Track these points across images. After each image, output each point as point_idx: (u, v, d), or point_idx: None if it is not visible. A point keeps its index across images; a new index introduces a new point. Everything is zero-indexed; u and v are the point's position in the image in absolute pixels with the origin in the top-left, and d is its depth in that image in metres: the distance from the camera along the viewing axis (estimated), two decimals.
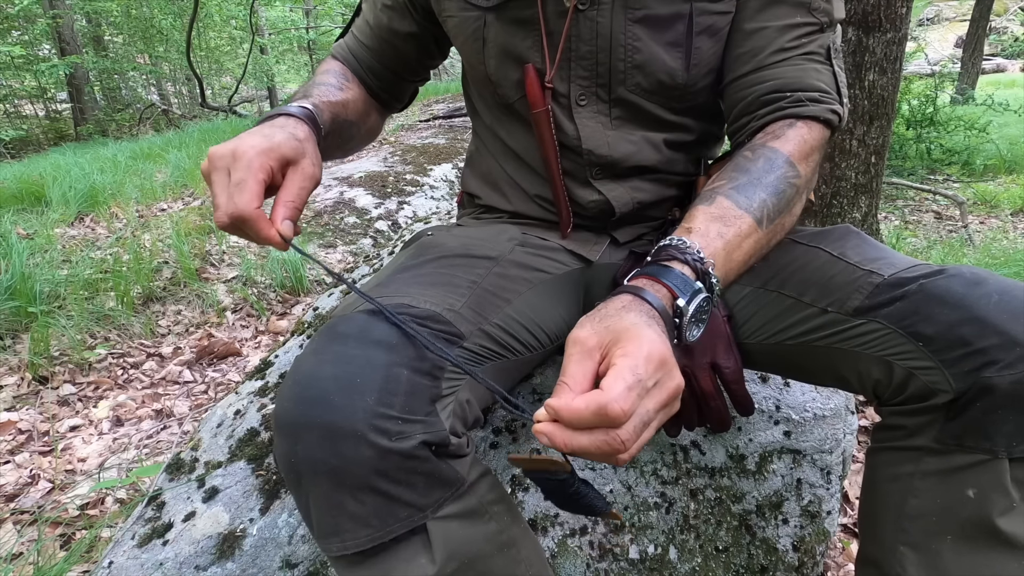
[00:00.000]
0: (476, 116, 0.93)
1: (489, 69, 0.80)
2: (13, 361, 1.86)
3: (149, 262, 2.31)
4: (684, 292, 0.56)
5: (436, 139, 4.12)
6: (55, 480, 1.43)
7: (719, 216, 0.63)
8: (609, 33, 0.73)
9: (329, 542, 0.55)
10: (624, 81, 0.76)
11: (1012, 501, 0.55)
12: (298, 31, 14.19)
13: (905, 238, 3.31)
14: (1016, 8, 16.52)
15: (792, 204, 0.68)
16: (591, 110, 0.78)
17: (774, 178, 0.66)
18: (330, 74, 0.86)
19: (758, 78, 0.72)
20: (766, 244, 0.67)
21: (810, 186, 0.70)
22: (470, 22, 0.78)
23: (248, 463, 0.92)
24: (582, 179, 0.81)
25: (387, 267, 0.77)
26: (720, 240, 0.62)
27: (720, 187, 0.66)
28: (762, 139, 0.70)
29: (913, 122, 4.93)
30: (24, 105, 11.11)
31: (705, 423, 0.75)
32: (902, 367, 0.60)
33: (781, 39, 0.71)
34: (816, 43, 0.71)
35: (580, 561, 0.89)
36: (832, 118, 0.71)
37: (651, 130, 0.80)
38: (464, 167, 0.98)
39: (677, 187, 0.85)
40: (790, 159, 0.67)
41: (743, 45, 0.73)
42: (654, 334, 0.50)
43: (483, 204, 0.92)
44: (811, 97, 0.70)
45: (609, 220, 0.84)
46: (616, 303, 0.54)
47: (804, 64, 0.71)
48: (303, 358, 0.58)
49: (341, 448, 0.52)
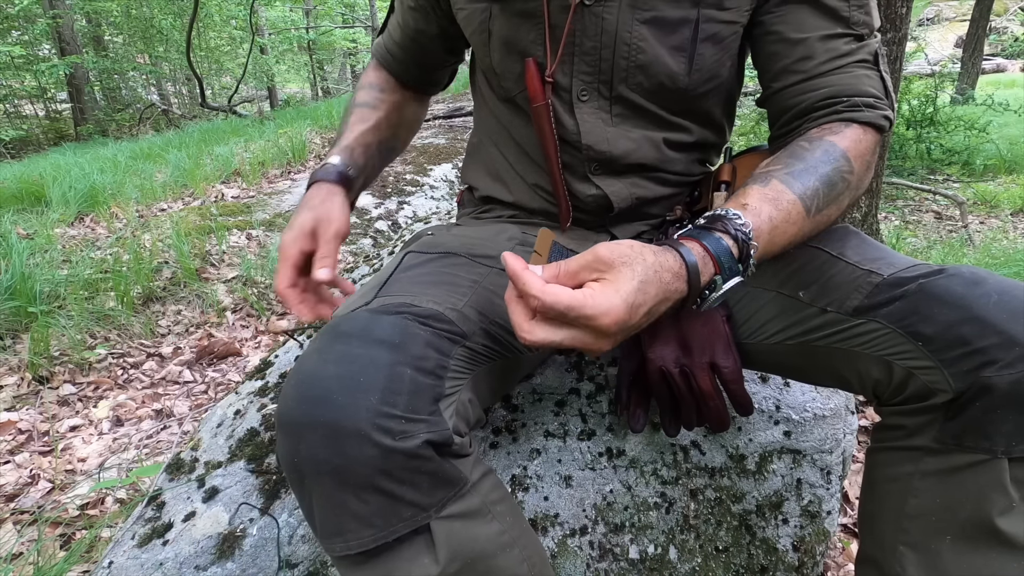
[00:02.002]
0: (481, 105, 0.94)
1: (493, 61, 0.82)
2: (13, 361, 1.86)
3: (149, 262, 2.30)
4: (726, 271, 0.58)
5: (436, 139, 4.12)
6: (55, 480, 1.43)
7: (773, 199, 0.62)
8: (615, 31, 0.73)
9: (332, 542, 0.55)
10: (626, 79, 0.76)
11: (1012, 501, 0.55)
12: (298, 31, 14.19)
13: (905, 238, 3.32)
14: (1016, 8, 16.52)
15: (841, 197, 0.67)
16: (592, 106, 0.79)
17: (830, 169, 0.66)
18: (366, 91, 0.95)
19: (811, 86, 0.72)
20: (809, 232, 0.67)
21: (861, 186, 0.70)
22: (477, 14, 0.80)
23: (248, 463, 0.92)
24: (581, 174, 0.82)
25: (387, 267, 0.77)
26: (768, 224, 0.61)
27: (775, 171, 0.66)
28: (819, 133, 0.70)
29: (913, 122, 4.93)
30: (24, 105, 11.11)
31: (704, 423, 0.75)
32: (901, 367, 0.60)
33: (829, 50, 0.71)
34: (864, 50, 0.71)
35: (580, 561, 0.89)
36: (884, 124, 0.71)
37: (651, 129, 0.80)
38: (465, 159, 0.99)
39: (676, 186, 0.85)
40: (846, 154, 0.67)
41: (790, 55, 0.73)
42: (645, 296, 0.53)
43: (483, 195, 0.93)
44: (866, 103, 0.70)
45: (607, 215, 0.84)
46: (646, 246, 0.55)
47: (855, 71, 0.71)
48: (306, 357, 0.58)
49: (344, 447, 0.52)
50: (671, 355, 0.73)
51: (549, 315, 0.51)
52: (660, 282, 0.53)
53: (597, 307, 0.50)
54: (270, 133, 4.93)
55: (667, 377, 0.74)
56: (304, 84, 18.14)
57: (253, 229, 2.77)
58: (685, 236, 0.60)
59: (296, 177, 3.77)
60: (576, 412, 0.94)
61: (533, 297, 0.50)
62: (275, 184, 3.61)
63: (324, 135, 4.85)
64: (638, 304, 0.52)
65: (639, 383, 0.80)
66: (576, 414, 0.94)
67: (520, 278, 0.51)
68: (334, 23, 15.52)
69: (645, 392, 0.80)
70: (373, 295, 0.67)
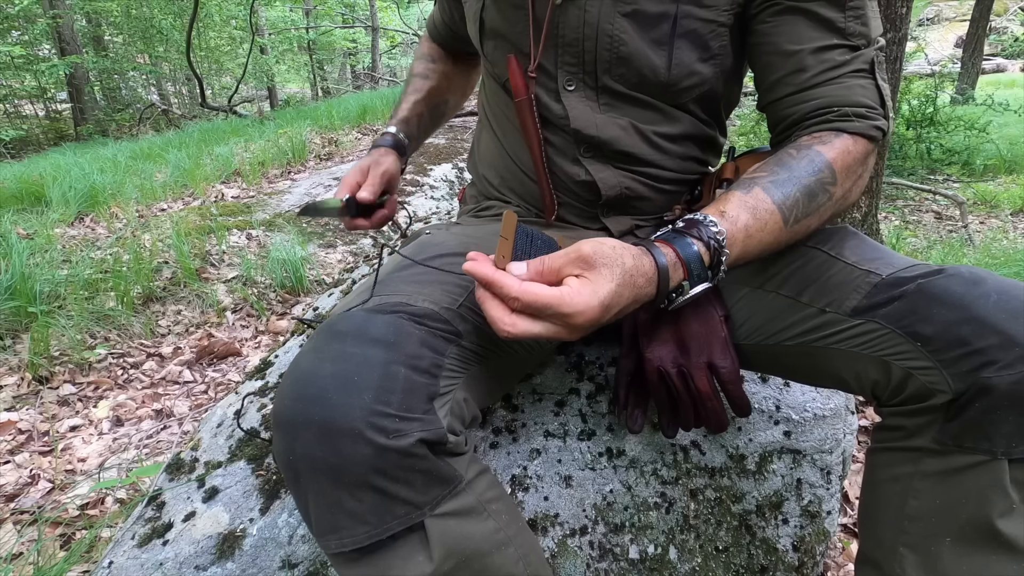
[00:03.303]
0: (484, 90, 0.97)
1: (486, 51, 0.86)
2: (13, 361, 1.86)
3: (149, 262, 2.30)
4: (695, 278, 0.61)
5: (436, 139, 4.12)
6: (55, 480, 1.43)
7: (752, 207, 0.64)
8: (596, 23, 0.75)
9: (327, 539, 0.55)
10: (609, 71, 0.77)
11: (1011, 502, 0.55)
12: (298, 31, 14.20)
13: (905, 238, 3.31)
14: (1016, 8, 16.51)
15: (822, 209, 0.68)
16: (579, 95, 0.80)
17: (812, 180, 0.67)
18: (421, 62, 1.11)
19: (803, 97, 0.72)
20: (786, 242, 0.68)
21: (847, 198, 0.70)
22: (473, 4, 0.85)
23: (248, 463, 0.92)
24: (571, 156, 0.83)
25: (385, 267, 0.78)
26: (744, 232, 0.63)
27: (759, 178, 0.67)
28: (808, 141, 0.70)
29: (913, 122, 4.93)
30: (24, 105, 11.11)
31: (702, 424, 0.75)
32: (900, 367, 0.60)
33: (822, 62, 0.71)
34: (859, 60, 0.71)
35: (580, 561, 0.89)
36: (876, 134, 0.71)
37: (640, 120, 0.81)
38: (470, 147, 1.04)
39: (670, 184, 0.85)
40: (831, 164, 0.68)
41: (783, 68, 0.73)
42: (619, 299, 0.56)
43: (483, 179, 0.97)
44: (857, 113, 0.70)
45: (597, 204, 0.85)
46: (628, 249, 0.58)
47: (848, 81, 0.71)
48: (302, 356, 0.59)
49: (339, 446, 0.52)
50: (669, 355, 0.73)
51: (528, 310, 0.54)
52: (634, 286, 0.57)
53: (574, 306, 0.53)
54: (270, 133, 4.93)
55: (665, 378, 0.74)
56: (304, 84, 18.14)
57: (253, 229, 2.77)
58: (661, 239, 0.62)
59: (296, 177, 3.76)
60: (576, 412, 0.94)
61: (513, 299, 0.54)
62: (275, 184, 3.61)
63: (324, 135, 4.85)
64: (611, 305, 0.55)
65: (637, 384, 0.80)
66: (576, 414, 0.94)
67: (497, 283, 0.54)
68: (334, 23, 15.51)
69: (643, 393, 0.80)
70: (369, 294, 0.67)
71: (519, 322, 0.54)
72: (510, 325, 0.54)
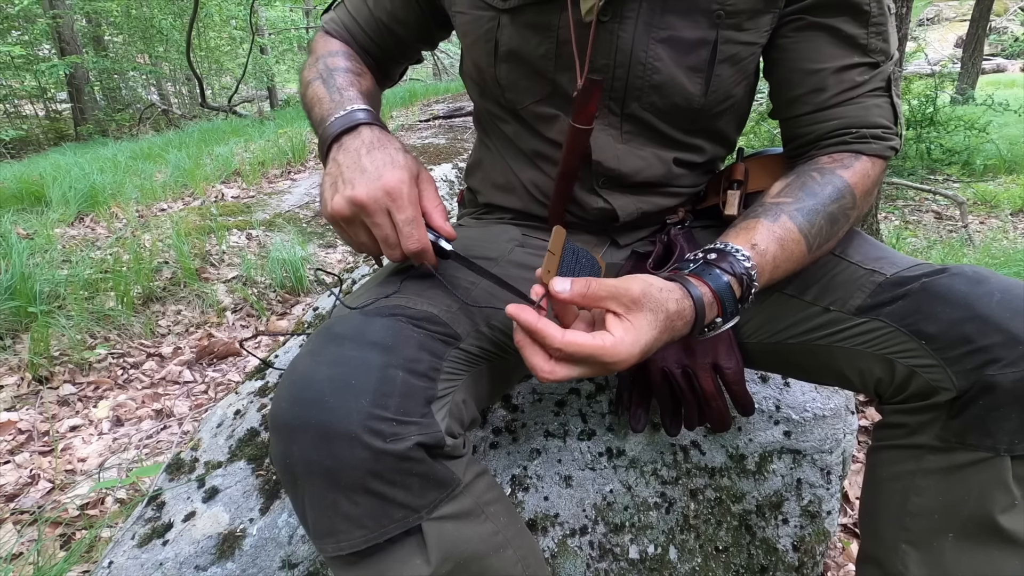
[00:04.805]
0: (481, 112, 0.90)
1: (499, 73, 0.77)
2: (13, 361, 1.86)
3: (149, 262, 2.30)
4: (728, 315, 0.60)
5: (436, 139, 4.12)
6: (55, 480, 1.43)
7: (780, 238, 0.64)
8: (630, 49, 0.70)
9: (324, 542, 0.55)
10: (639, 98, 0.73)
11: (1014, 499, 0.55)
12: (298, 31, 14.19)
13: (905, 238, 3.31)
14: (1016, 8, 16.52)
15: (840, 232, 0.68)
16: (602, 123, 0.76)
17: (835, 207, 0.67)
18: (341, 57, 0.81)
19: (821, 117, 0.72)
20: (806, 265, 0.68)
21: (860, 217, 0.71)
22: (483, 22, 0.75)
23: (248, 463, 0.92)
24: (588, 186, 0.80)
25: (384, 269, 0.77)
26: (772, 264, 0.63)
27: (786, 205, 0.66)
28: (831, 164, 0.70)
29: (913, 122, 4.92)
30: (24, 105, 11.10)
31: (705, 423, 0.75)
32: (904, 365, 0.60)
33: (842, 81, 0.70)
34: (878, 78, 0.71)
35: (580, 561, 0.89)
36: (891, 154, 0.71)
37: (661, 147, 0.78)
38: (468, 162, 0.96)
39: (682, 196, 0.84)
40: (853, 189, 0.68)
41: (803, 86, 0.72)
42: (657, 344, 0.56)
43: (485, 203, 0.91)
44: (874, 135, 0.70)
45: (612, 226, 0.83)
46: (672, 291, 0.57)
47: (866, 101, 0.71)
48: (299, 359, 0.58)
49: (335, 449, 0.52)
50: (673, 356, 0.73)
51: (569, 360, 0.53)
52: (672, 329, 0.56)
53: (617, 355, 0.52)
54: (270, 133, 4.93)
55: (669, 378, 0.73)
56: None
57: (253, 229, 2.77)
58: (694, 274, 0.61)
59: (296, 177, 3.76)
60: (576, 412, 0.94)
61: (555, 349, 0.52)
62: (275, 184, 3.61)
63: None
64: (650, 350, 0.55)
65: (640, 383, 0.80)
66: (576, 414, 0.94)
67: (540, 333, 0.53)
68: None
69: (646, 392, 0.80)
70: (368, 297, 0.67)
71: (559, 369, 0.54)
72: (549, 372, 0.53)
